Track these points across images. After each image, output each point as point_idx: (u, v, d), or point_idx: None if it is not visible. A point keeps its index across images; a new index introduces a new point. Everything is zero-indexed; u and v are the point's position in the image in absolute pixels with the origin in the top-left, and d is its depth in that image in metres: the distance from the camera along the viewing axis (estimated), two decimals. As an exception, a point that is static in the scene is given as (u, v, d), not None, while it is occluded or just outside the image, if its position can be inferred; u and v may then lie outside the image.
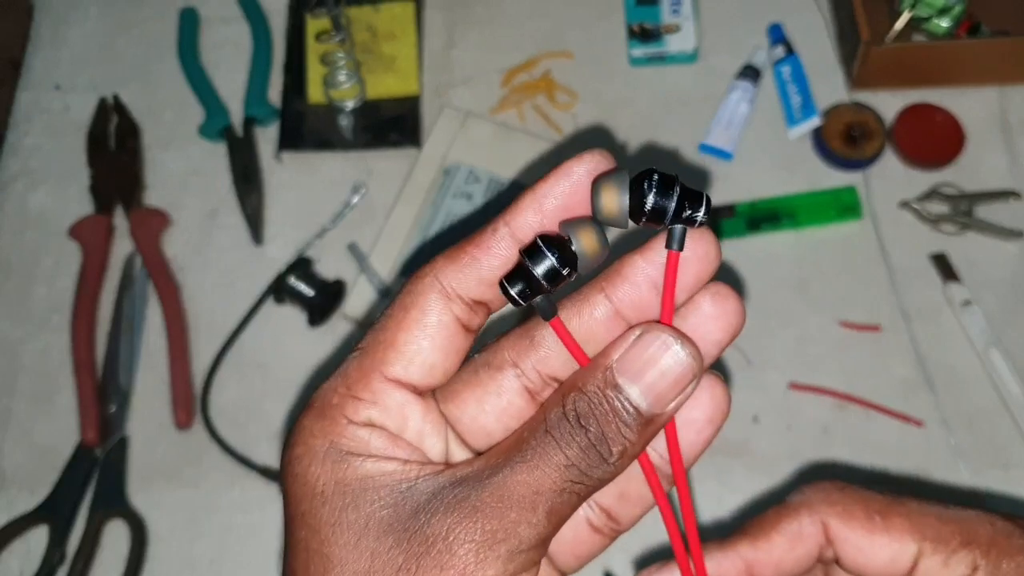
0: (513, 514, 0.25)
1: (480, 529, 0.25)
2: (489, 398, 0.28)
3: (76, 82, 0.79)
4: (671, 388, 0.26)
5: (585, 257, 0.26)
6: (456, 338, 0.27)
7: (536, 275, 0.26)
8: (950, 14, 0.71)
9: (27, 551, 0.63)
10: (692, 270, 0.27)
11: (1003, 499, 0.61)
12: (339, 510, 0.25)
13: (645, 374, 0.26)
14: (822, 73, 0.74)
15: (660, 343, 0.26)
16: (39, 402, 0.67)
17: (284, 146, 0.74)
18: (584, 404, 0.26)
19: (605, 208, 0.26)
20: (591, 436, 0.26)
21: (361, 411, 0.27)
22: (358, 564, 0.25)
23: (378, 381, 0.27)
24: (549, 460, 0.25)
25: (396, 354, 0.27)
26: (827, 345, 0.66)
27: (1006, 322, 0.65)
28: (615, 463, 0.26)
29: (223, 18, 0.80)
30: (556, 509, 0.25)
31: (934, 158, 0.71)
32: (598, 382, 0.26)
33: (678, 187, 0.26)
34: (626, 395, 0.26)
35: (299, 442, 0.27)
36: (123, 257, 0.71)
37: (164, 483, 0.64)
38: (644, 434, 0.26)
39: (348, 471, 0.26)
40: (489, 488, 0.25)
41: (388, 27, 0.77)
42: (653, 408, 0.26)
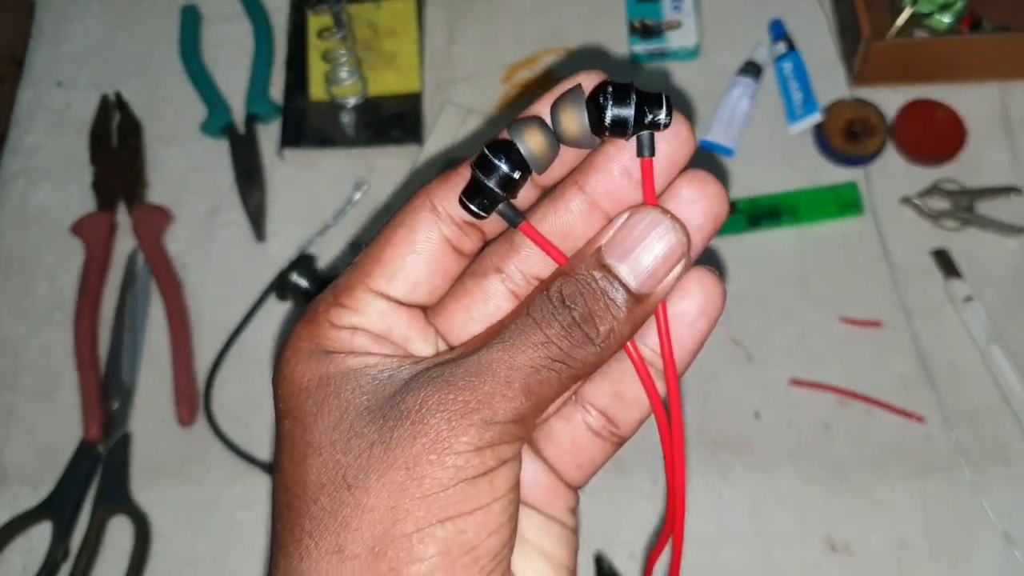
0: (487, 387, 0.25)
1: (453, 399, 0.25)
2: (476, 305, 0.28)
3: (78, 79, 0.79)
4: (660, 265, 0.26)
5: (534, 156, 0.26)
6: (444, 258, 0.28)
7: (489, 186, 0.26)
8: (952, 10, 0.71)
9: (30, 548, 0.63)
10: (666, 157, 0.27)
11: (1004, 496, 0.61)
12: (321, 400, 0.26)
13: (633, 252, 0.26)
14: (823, 69, 0.74)
15: (648, 221, 0.26)
16: (42, 399, 0.68)
17: (286, 143, 0.74)
18: (571, 286, 0.26)
19: (567, 132, 0.26)
20: (576, 315, 0.25)
21: (344, 317, 0.27)
22: (335, 444, 0.25)
23: (362, 292, 0.27)
24: (527, 338, 0.25)
25: (381, 268, 0.27)
26: (828, 341, 0.66)
27: (1007, 318, 0.65)
28: (601, 343, 0.26)
29: (225, 15, 0.80)
30: (534, 386, 0.25)
31: (935, 154, 0.71)
32: (587, 264, 0.26)
33: (634, 94, 0.25)
34: (616, 273, 0.26)
35: (288, 347, 0.28)
36: (125, 254, 0.72)
37: (167, 480, 0.65)
38: (633, 315, 0.26)
39: (331, 366, 0.26)
40: (464, 365, 0.25)
41: (389, 24, 0.77)
42: (643, 286, 0.26)
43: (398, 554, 0.24)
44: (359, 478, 0.25)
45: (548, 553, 0.30)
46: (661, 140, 0.26)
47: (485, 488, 0.25)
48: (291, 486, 0.26)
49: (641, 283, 0.26)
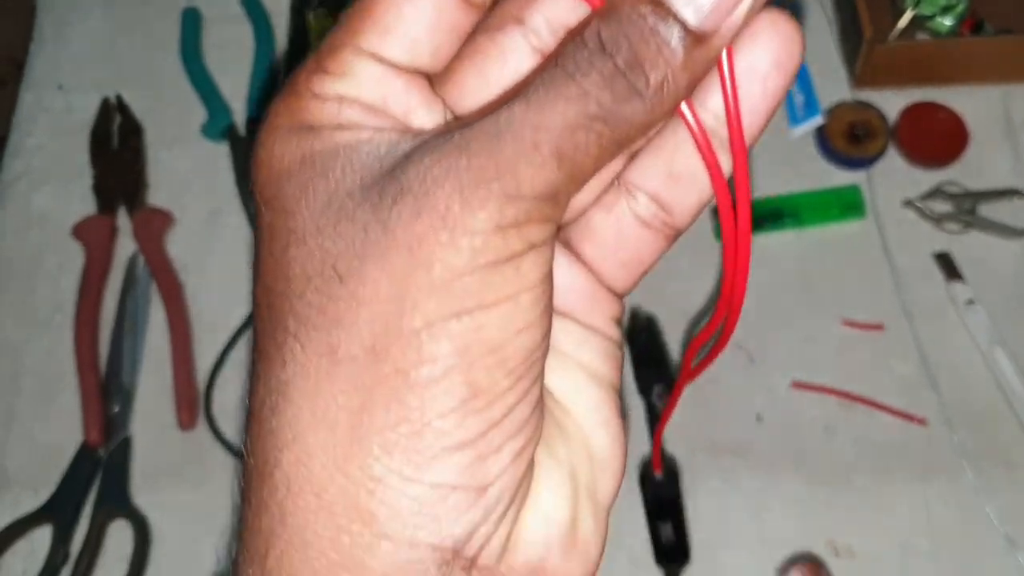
0: (509, 150, 0.19)
1: (466, 165, 0.19)
2: (491, 67, 0.22)
3: (79, 82, 0.79)
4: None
5: None
6: (449, 8, 0.22)
7: None
8: (953, 12, 0.71)
9: (31, 551, 0.63)
10: None
11: (1007, 500, 0.61)
12: (305, 182, 0.21)
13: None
14: (825, 72, 0.74)
15: None
16: (42, 402, 0.67)
17: (287, 146, 0.74)
18: (612, 27, 0.20)
19: None
20: (620, 60, 0.20)
21: (328, 84, 0.21)
22: (323, 232, 0.20)
23: (351, 53, 0.22)
24: (558, 92, 0.20)
25: (372, 23, 0.22)
26: (830, 344, 0.66)
27: (1009, 321, 0.65)
28: (652, 97, 0.20)
29: (226, 18, 0.80)
30: (568, 151, 0.20)
31: (937, 157, 0.71)
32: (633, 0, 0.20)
33: None
34: (669, 6, 0.20)
35: (265, 126, 0.22)
36: (126, 257, 0.71)
37: (167, 483, 0.64)
38: (692, 61, 0.20)
39: (316, 143, 0.21)
40: (479, 127, 0.20)
41: (390, 26, 0.77)
42: (705, 22, 0.20)
43: (404, 353, 0.19)
44: (353, 265, 0.20)
45: (588, 366, 0.25)
46: None
47: (510, 276, 0.20)
48: (271, 283, 0.21)
49: (703, 18, 0.20)
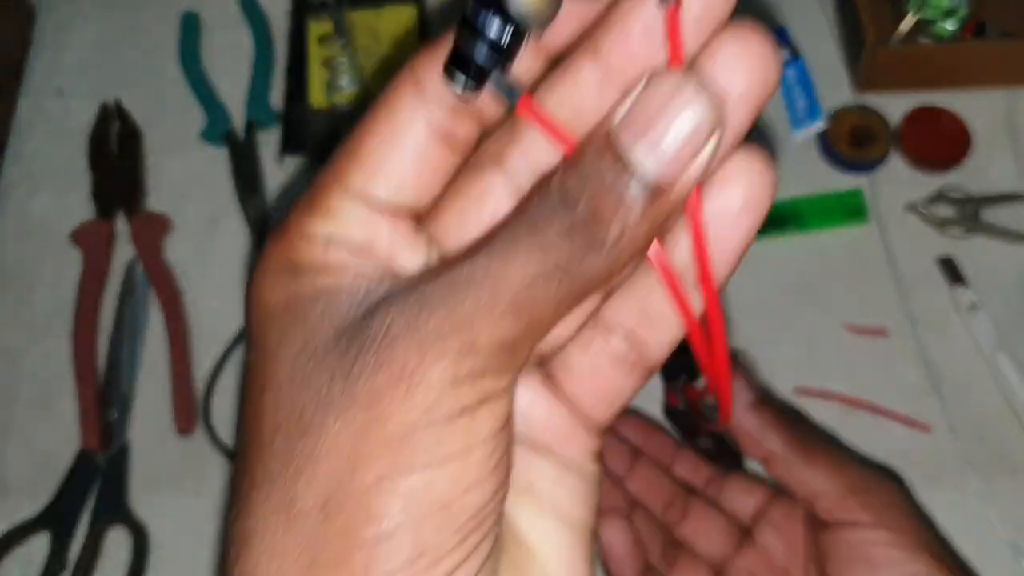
0: (467, 305, 0.20)
1: (424, 321, 0.20)
2: (471, 208, 0.23)
3: (77, 87, 0.79)
4: (684, 147, 0.20)
5: (530, 9, 0.20)
6: (433, 150, 0.23)
7: (477, 51, 0.21)
8: (956, 16, 0.71)
9: (28, 559, 0.62)
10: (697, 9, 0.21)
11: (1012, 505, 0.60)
12: (286, 326, 0.22)
13: (651, 129, 0.20)
14: (827, 76, 0.74)
15: (669, 88, 0.20)
16: (40, 408, 0.67)
17: (286, 150, 0.74)
18: (574, 178, 0.20)
19: None
20: (579, 215, 0.20)
21: (318, 225, 0.23)
22: (294, 379, 0.21)
23: (338, 193, 0.23)
24: (518, 246, 0.20)
25: (359, 164, 0.23)
26: (833, 349, 0.66)
27: (1014, 326, 0.65)
28: (610, 250, 0.20)
29: (224, 22, 0.80)
30: (526, 304, 0.20)
31: (940, 161, 0.70)
32: (594, 150, 0.21)
33: None
34: (628, 160, 0.20)
35: (258, 265, 0.24)
36: (124, 263, 0.71)
37: (166, 490, 0.64)
38: (652, 212, 0.21)
39: (300, 286, 0.22)
40: (442, 280, 0.21)
41: (391, 31, 0.77)
42: (663, 173, 0.20)
43: (355, 510, 0.20)
44: (316, 418, 0.20)
45: (562, 508, 0.25)
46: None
47: (463, 430, 0.20)
48: (248, 428, 0.22)
49: (661, 169, 0.20)
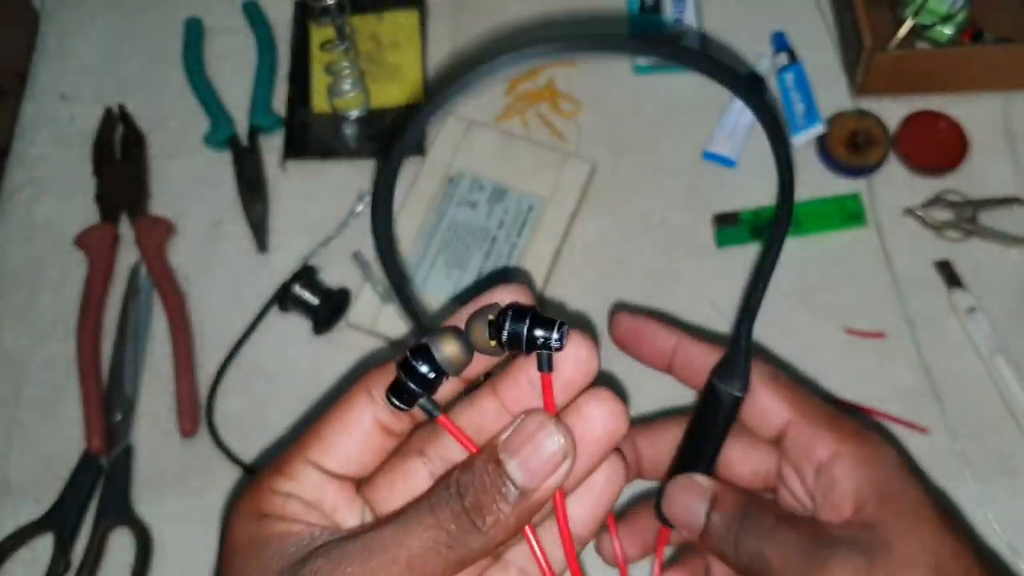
0: (375, 562, 0.28)
1: (341, 572, 0.27)
2: (398, 483, 0.31)
3: (82, 92, 0.79)
4: (545, 464, 0.29)
5: (449, 362, 0.29)
6: (375, 437, 0.31)
7: (410, 385, 0.29)
8: (953, 21, 0.71)
9: (32, 560, 0.63)
10: (565, 375, 0.30)
11: (1009, 507, 0.61)
12: (246, 559, 0.29)
13: (522, 450, 0.29)
14: (825, 80, 0.74)
15: (537, 423, 0.29)
16: (44, 411, 0.67)
17: (289, 155, 0.74)
18: (467, 476, 0.29)
19: (477, 343, 0.30)
20: (467, 504, 0.28)
21: (281, 484, 0.31)
22: None
23: (300, 462, 0.31)
24: (418, 520, 0.28)
25: (318, 442, 0.31)
26: (831, 352, 0.66)
27: (1011, 329, 0.65)
28: (488, 532, 0.28)
29: (228, 28, 0.81)
30: (418, 567, 0.28)
31: (938, 165, 0.71)
32: (483, 458, 0.29)
33: (528, 319, 0.29)
34: (505, 468, 0.29)
35: (233, 507, 0.31)
36: (128, 266, 0.72)
37: (169, 492, 0.64)
38: (520, 508, 0.29)
39: (261, 529, 0.30)
40: (360, 540, 0.28)
41: (392, 36, 0.78)
42: (528, 483, 0.28)
43: None
44: None
45: None
46: (564, 360, 0.30)
47: None
48: None
49: (527, 479, 0.28)
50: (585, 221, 0.71)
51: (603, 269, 0.70)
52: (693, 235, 0.70)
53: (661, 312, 0.68)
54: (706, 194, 0.72)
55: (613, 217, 0.71)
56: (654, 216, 0.71)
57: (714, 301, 0.68)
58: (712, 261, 0.69)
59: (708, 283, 0.69)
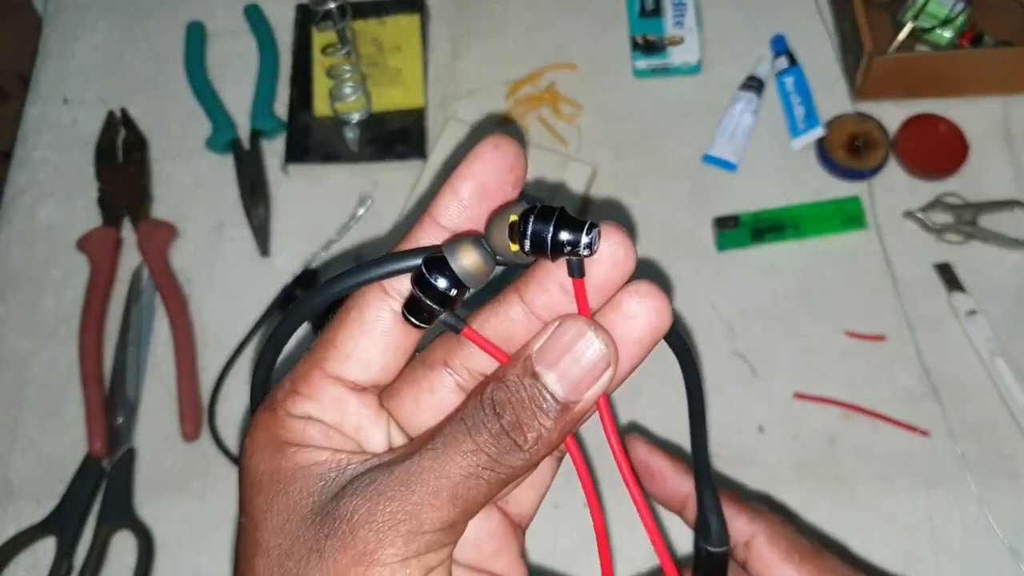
0: (415, 496, 0.26)
1: (381, 511, 0.26)
2: (424, 395, 0.29)
3: (84, 96, 0.79)
4: (586, 375, 0.26)
5: (468, 274, 0.27)
6: (395, 334, 0.28)
7: (427, 302, 0.27)
8: (953, 25, 0.71)
9: (34, 563, 0.63)
10: (599, 278, 0.27)
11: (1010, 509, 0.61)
12: (272, 497, 0.27)
13: (561, 361, 0.26)
14: (825, 84, 0.75)
15: (575, 331, 0.27)
16: (47, 414, 0.68)
17: (290, 159, 0.74)
18: (502, 393, 0.26)
19: (500, 251, 0.27)
20: (505, 423, 0.26)
21: (299, 405, 0.28)
22: (280, 547, 0.26)
23: (318, 377, 0.28)
24: (457, 446, 0.26)
25: (335, 351, 0.28)
26: (832, 355, 0.66)
27: (1011, 331, 0.65)
28: (530, 450, 0.26)
29: (230, 32, 0.81)
30: (462, 494, 0.26)
31: (938, 168, 0.71)
32: (517, 371, 0.27)
33: (554, 221, 0.26)
34: (543, 382, 0.26)
35: (248, 435, 0.29)
36: (131, 269, 0.72)
37: (171, 494, 0.65)
38: (562, 422, 0.27)
39: (283, 460, 0.27)
40: (396, 473, 0.26)
41: (394, 40, 0.78)
42: (569, 395, 0.26)
43: None
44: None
45: None
46: (598, 262, 0.27)
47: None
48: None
49: (568, 391, 0.26)
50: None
51: (604, 272, 0.70)
52: (694, 238, 0.71)
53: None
54: (706, 197, 0.72)
55: (614, 220, 0.71)
56: (655, 219, 0.71)
57: (714, 303, 0.68)
58: (712, 264, 0.70)
59: (708, 285, 0.69)
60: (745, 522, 0.36)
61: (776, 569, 0.35)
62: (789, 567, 0.35)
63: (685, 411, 0.32)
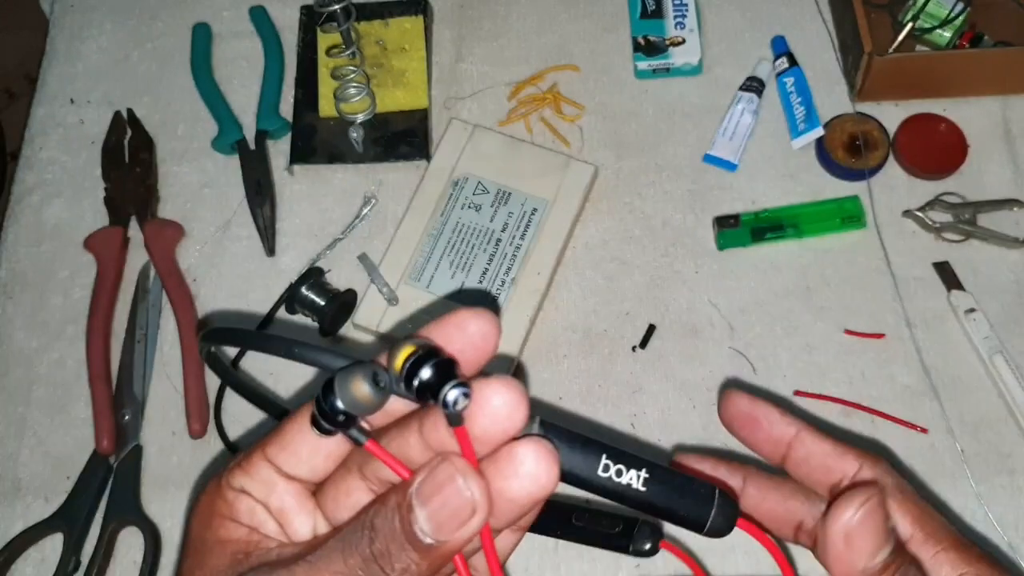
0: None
1: None
2: (342, 496, 0.31)
3: (91, 96, 0.80)
4: (453, 518, 0.27)
5: (357, 403, 0.27)
6: (328, 443, 0.30)
7: (325, 421, 0.28)
8: (952, 25, 0.72)
9: (42, 559, 0.64)
10: (485, 426, 0.27)
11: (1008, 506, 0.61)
12: (192, 566, 0.30)
13: (432, 500, 0.27)
14: (825, 84, 0.75)
15: (447, 474, 0.27)
16: (54, 411, 0.68)
17: (296, 159, 0.75)
18: (380, 519, 0.28)
19: (394, 380, 0.28)
20: (375, 549, 0.27)
21: (237, 478, 0.31)
22: None
23: (258, 458, 0.31)
24: (328, 565, 0.28)
25: (278, 440, 0.31)
26: (832, 353, 0.67)
27: (1010, 329, 0.66)
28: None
29: (236, 33, 0.82)
30: None
31: (937, 167, 0.71)
32: (397, 498, 0.28)
33: (432, 365, 0.26)
34: (414, 516, 0.27)
35: (196, 501, 0.32)
36: (137, 268, 0.72)
37: (178, 491, 0.65)
38: (429, 557, 0.27)
39: (208, 532, 0.30)
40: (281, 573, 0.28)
41: (398, 41, 0.79)
42: (437, 534, 0.27)
43: None
44: None
45: None
46: (479, 413, 0.27)
47: None
48: None
49: (435, 530, 0.27)
50: (588, 223, 0.72)
51: (606, 270, 0.70)
52: (694, 237, 0.71)
53: (663, 310, 0.68)
54: (707, 197, 0.72)
55: (615, 219, 0.72)
56: (656, 218, 0.72)
57: (715, 302, 0.69)
58: (713, 263, 0.70)
59: (709, 284, 0.69)
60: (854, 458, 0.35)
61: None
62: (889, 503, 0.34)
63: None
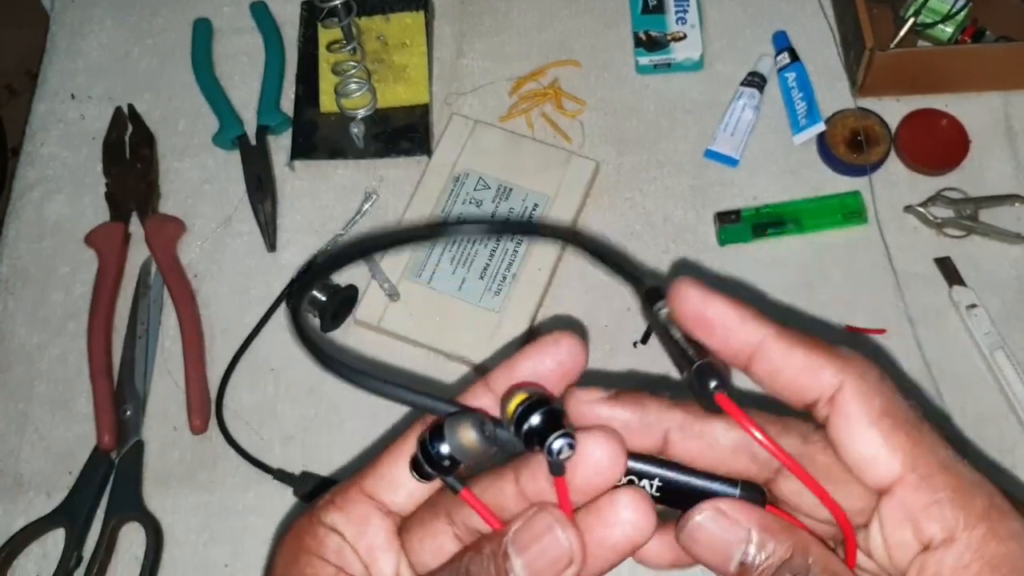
0: None
1: None
2: (427, 538, 0.31)
3: (92, 92, 0.80)
4: (550, 567, 0.28)
5: (463, 450, 0.28)
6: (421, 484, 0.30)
7: (427, 466, 0.28)
8: (954, 20, 0.72)
9: (44, 554, 0.64)
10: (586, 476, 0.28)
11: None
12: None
13: (529, 549, 0.28)
14: (827, 80, 0.75)
15: (546, 524, 0.28)
16: (56, 407, 0.68)
17: (297, 154, 0.75)
18: (475, 565, 0.28)
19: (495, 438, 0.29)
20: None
21: (331, 515, 0.31)
22: None
23: (354, 492, 0.31)
24: None
25: (374, 470, 0.31)
26: (833, 348, 0.67)
27: (1011, 325, 0.66)
28: None
29: (236, 28, 0.81)
30: None
31: (939, 163, 0.71)
32: (493, 547, 0.28)
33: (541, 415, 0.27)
34: (511, 564, 0.28)
35: (282, 537, 0.31)
36: (139, 264, 0.73)
37: (179, 487, 0.65)
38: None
39: (295, 568, 0.30)
40: None
41: (399, 37, 0.79)
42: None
43: None
44: None
45: None
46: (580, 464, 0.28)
47: None
48: None
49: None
50: (589, 219, 0.72)
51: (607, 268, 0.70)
52: (695, 233, 0.71)
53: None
54: (708, 192, 0.72)
55: (617, 215, 0.72)
56: (657, 214, 0.72)
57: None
58: (714, 258, 0.70)
59: (710, 280, 0.69)
60: (832, 373, 0.28)
61: (858, 433, 0.28)
62: (875, 433, 0.28)
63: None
